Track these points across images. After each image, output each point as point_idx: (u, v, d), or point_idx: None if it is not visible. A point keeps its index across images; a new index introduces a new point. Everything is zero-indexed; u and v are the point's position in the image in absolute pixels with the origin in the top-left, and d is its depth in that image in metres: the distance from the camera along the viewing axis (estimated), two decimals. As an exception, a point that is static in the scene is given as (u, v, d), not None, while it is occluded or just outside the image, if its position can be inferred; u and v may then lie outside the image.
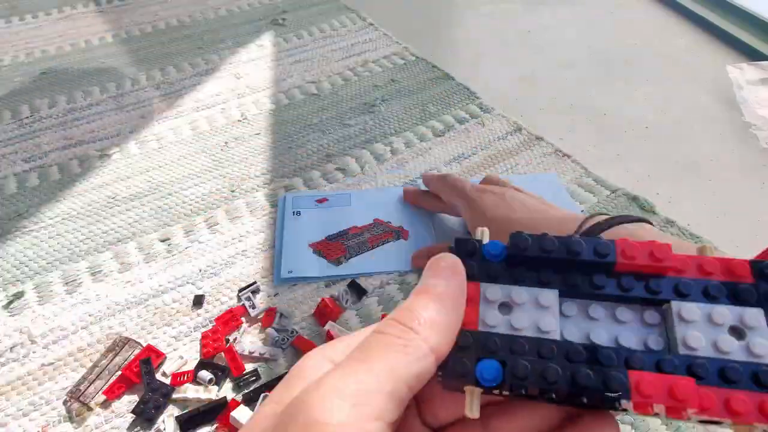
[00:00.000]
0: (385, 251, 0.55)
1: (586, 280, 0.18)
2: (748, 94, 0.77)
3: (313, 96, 0.79)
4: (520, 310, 0.18)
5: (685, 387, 0.15)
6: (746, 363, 0.16)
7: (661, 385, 0.15)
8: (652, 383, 0.15)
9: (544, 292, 0.18)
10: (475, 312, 0.18)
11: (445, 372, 0.17)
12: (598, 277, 0.18)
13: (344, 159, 0.67)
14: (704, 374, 0.16)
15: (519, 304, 0.18)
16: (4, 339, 0.48)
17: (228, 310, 0.49)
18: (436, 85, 0.80)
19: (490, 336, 0.17)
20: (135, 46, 0.92)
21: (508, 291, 0.18)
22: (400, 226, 0.57)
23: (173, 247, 0.56)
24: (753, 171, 0.65)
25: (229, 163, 0.67)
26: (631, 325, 0.18)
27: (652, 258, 0.17)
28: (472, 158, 0.67)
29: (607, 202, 0.60)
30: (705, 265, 0.18)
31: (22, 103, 0.78)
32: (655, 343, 0.17)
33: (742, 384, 0.15)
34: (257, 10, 1.02)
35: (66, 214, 0.60)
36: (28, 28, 0.97)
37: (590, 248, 0.18)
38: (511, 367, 0.16)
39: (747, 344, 0.16)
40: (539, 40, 0.93)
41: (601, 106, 0.77)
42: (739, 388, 0.15)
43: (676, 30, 0.95)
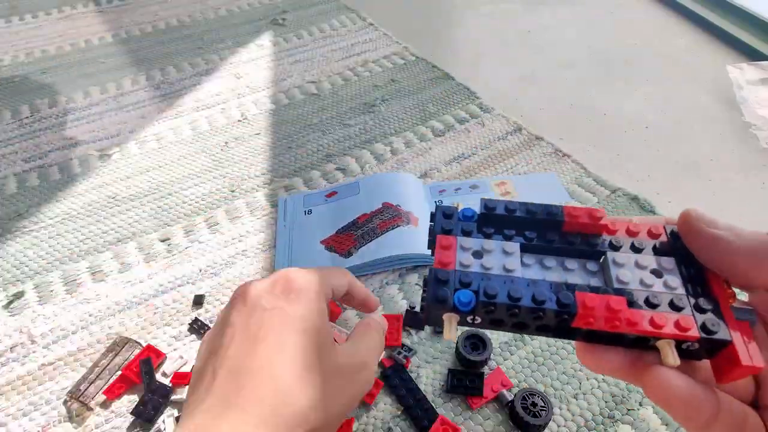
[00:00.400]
0: (396, 235, 0.53)
1: (541, 236, 0.22)
2: (748, 94, 0.77)
3: (313, 96, 0.79)
4: (490, 255, 0.21)
5: (619, 302, 0.19)
6: (664, 293, 0.20)
7: (600, 301, 0.19)
8: (593, 299, 0.19)
9: (509, 243, 0.22)
10: (452, 256, 0.21)
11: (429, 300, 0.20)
12: (550, 234, 0.22)
13: (344, 159, 0.67)
14: (633, 299, 0.19)
15: (488, 251, 0.22)
16: (4, 339, 0.48)
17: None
18: (436, 85, 0.80)
19: (466, 272, 0.21)
20: (135, 46, 0.92)
21: (480, 242, 0.22)
22: (409, 212, 0.56)
23: (173, 247, 0.56)
24: (753, 171, 0.65)
25: (229, 163, 0.67)
26: (577, 272, 0.22)
27: (591, 218, 0.22)
28: (472, 158, 0.67)
29: (607, 202, 0.60)
30: (632, 227, 0.22)
31: (22, 103, 0.78)
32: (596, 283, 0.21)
33: (662, 308, 0.19)
34: (257, 10, 1.02)
35: (66, 214, 0.60)
36: (28, 28, 0.97)
37: (544, 211, 0.22)
38: (483, 288, 0.20)
39: (664, 281, 0.20)
40: (539, 40, 0.93)
41: (601, 106, 0.77)
42: (660, 311, 0.19)
43: (676, 30, 0.95)
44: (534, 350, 0.46)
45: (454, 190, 0.61)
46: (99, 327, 0.49)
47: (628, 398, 0.43)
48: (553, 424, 0.41)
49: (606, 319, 0.19)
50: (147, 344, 0.46)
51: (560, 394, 0.43)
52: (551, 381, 0.44)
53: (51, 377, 0.45)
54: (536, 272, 0.22)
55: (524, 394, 0.41)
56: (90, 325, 0.49)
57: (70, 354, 0.47)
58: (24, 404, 0.43)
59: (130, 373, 0.44)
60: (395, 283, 0.52)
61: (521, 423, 0.40)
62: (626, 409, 0.42)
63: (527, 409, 0.40)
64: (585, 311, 0.19)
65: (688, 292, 0.20)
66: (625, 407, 0.42)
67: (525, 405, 0.40)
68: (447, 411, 0.42)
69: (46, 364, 0.46)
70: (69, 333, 0.48)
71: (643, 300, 0.19)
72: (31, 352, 0.47)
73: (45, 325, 0.49)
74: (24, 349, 0.47)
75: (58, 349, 0.47)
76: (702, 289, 0.20)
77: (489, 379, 0.43)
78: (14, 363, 0.46)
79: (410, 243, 0.52)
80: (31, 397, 0.44)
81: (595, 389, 0.43)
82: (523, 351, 0.46)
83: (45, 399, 0.43)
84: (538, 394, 0.41)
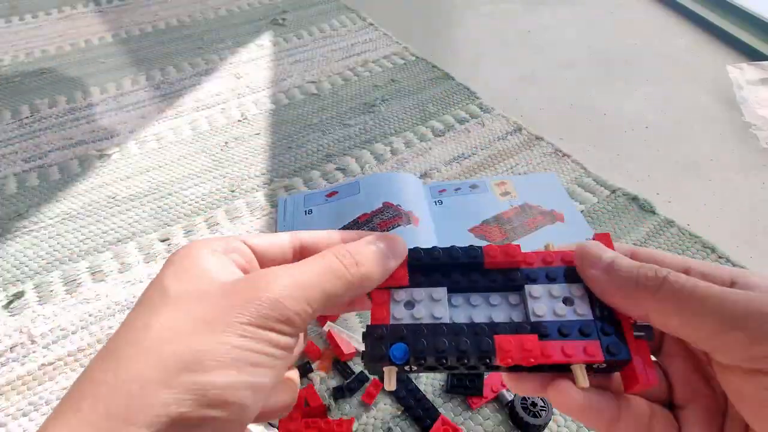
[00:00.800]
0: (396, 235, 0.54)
1: (465, 277, 0.24)
2: (748, 94, 0.77)
3: (313, 96, 0.79)
4: (419, 305, 0.23)
5: (531, 341, 0.21)
6: (575, 321, 0.22)
7: (515, 342, 0.21)
8: (509, 342, 0.21)
9: (436, 290, 0.24)
10: (386, 311, 0.23)
11: (367, 358, 0.22)
12: (473, 274, 0.24)
13: (344, 159, 0.67)
14: (547, 332, 0.22)
15: (418, 300, 0.23)
16: (4, 339, 0.48)
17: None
18: (436, 85, 0.80)
19: (398, 326, 0.22)
20: (135, 46, 0.92)
21: (410, 292, 0.24)
22: (410, 211, 0.56)
23: (173, 247, 0.56)
24: (753, 171, 0.65)
25: (229, 163, 0.67)
26: (501, 306, 0.24)
27: (507, 255, 0.24)
28: (472, 158, 0.67)
29: (606, 202, 0.60)
30: (547, 257, 0.24)
31: (22, 103, 0.78)
32: (517, 317, 0.23)
33: (573, 336, 0.21)
34: (257, 10, 1.02)
35: (66, 214, 0.60)
36: (28, 28, 0.97)
37: (465, 254, 0.24)
38: (413, 345, 0.22)
39: (574, 308, 0.22)
40: (539, 40, 0.93)
41: (601, 106, 0.77)
42: (570, 339, 0.21)
43: (676, 30, 0.95)
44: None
45: (454, 190, 0.61)
46: (99, 327, 0.49)
47: (628, 398, 0.43)
48: (553, 424, 0.41)
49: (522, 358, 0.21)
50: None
51: (560, 394, 0.43)
52: (551, 381, 0.44)
53: (51, 377, 0.45)
54: (464, 311, 0.24)
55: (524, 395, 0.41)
56: (90, 325, 0.49)
57: (70, 354, 0.47)
58: (24, 404, 0.43)
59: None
60: (395, 283, 0.52)
61: (521, 423, 0.40)
62: (626, 409, 0.42)
63: (527, 409, 0.40)
64: (503, 354, 0.21)
65: (595, 316, 0.22)
66: (625, 407, 0.42)
67: (525, 405, 0.41)
68: (447, 411, 0.42)
69: (46, 364, 0.46)
70: (69, 333, 0.48)
71: (556, 330, 0.22)
72: (31, 352, 0.47)
73: (45, 325, 0.49)
74: (24, 349, 0.47)
75: (58, 349, 0.47)
76: (607, 311, 0.22)
77: (489, 379, 0.43)
78: (14, 363, 0.46)
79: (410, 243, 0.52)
80: (31, 397, 0.44)
81: (595, 389, 0.43)
82: (523, 351, 0.46)
83: (45, 399, 0.43)
84: (538, 394, 0.41)
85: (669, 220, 0.57)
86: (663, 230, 0.56)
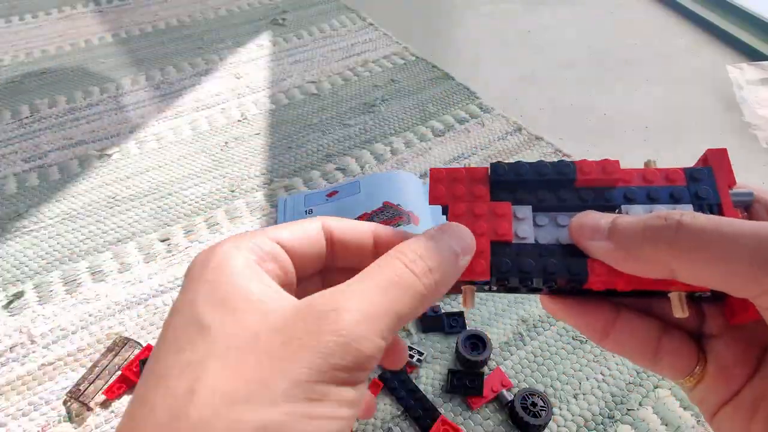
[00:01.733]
0: None
1: (553, 195, 0.22)
2: (748, 94, 0.77)
3: (313, 96, 0.79)
4: None
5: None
6: None
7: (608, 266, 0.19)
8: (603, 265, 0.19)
9: (520, 208, 0.22)
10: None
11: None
12: (562, 191, 0.22)
13: (344, 159, 0.67)
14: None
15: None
16: (4, 339, 0.48)
17: None
18: (436, 85, 0.80)
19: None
20: (135, 46, 0.92)
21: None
22: (410, 211, 0.56)
23: (173, 247, 0.56)
24: (753, 171, 0.65)
25: (229, 163, 0.67)
26: None
27: (604, 172, 0.21)
28: (472, 158, 0.67)
29: (607, 202, 0.60)
30: (648, 175, 0.22)
31: (22, 103, 0.78)
32: None
33: None
34: (257, 10, 1.02)
35: (66, 214, 0.60)
36: (28, 28, 0.97)
37: (555, 169, 0.22)
38: (496, 264, 0.20)
39: None
40: (539, 40, 0.93)
41: (601, 106, 0.77)
42: None
43: (676, 30, 0.95)
44: (534, 350, 0.46)
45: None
46: (99, 327, 0.49)
47: (628, 398, 0.43)
48: (553, 424, 0.41)
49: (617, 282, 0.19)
50: (147, 344, 0.46)
51: (560, 394, 0.43)
52: (551, 381, 0.44)
53: (51, 377, 0.45)
54: (550, 232, 0.21)
55: (524, 394, 0.41)
56: (90, 325, 0.49)
57: (70, 354, 0.47)
58: (24, 404, 0.43)
59: (129, 373, 0.44)
60: (395, 283, 0.52)
61: (521, 423, 0.40)
62: (626, 409, 0.42)
63: (527, 409, 0.40)
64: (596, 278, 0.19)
65: None
66: (625, 407, 0.42)
67: (525, 405, 0.41)
68: (447, 411, 0.42)
69: (45, 364, 0.46)
70: (69, 333, 0.48)
71: None
72: (31, 352, 0.47)
73: (45, 325, 0.49)
74: (24, 349, 0.47)
75: (58, 349, 0.47)
76: None
77: (489, 379, 0.43)
78: (14, 363, 0.46)
79: None
80: (30, 397, 0.44)
81: (595, 389, 0.43)
82: (522, 351, 0.46)
83: (45, 399, 0.43)
84: (537, 394, 0.41)
85: (669, 220, 0.57)
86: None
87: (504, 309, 0.49)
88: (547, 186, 0.22)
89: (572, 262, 0.20)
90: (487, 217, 0.21)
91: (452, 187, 0.22)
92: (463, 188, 0.22)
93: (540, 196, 0.22)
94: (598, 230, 0.19)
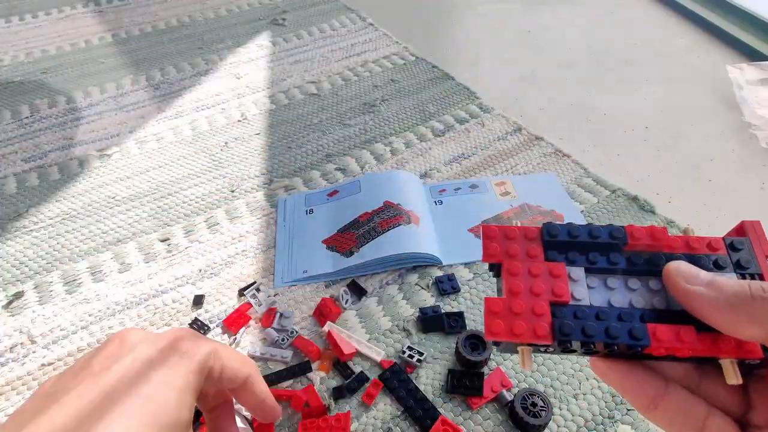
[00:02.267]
0: (397, 234, 0.53)
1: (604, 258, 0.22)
2: (748, 94, 0.77)
3: (313, 96, 0.79)
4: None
5: (688, 332, 0.20)
6: None
7: (670, 332, 0.20)
8: (664, 332, 0.20)
9: (574, 269, 0.22)
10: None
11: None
12: (612, 255, 0.22)
13: (344, 159, 0.67)
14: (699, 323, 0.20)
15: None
16: (4, 339, 0.48)
17: (235, 309, 0.49)
18: (436, 85, 0.80)
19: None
20: (135, 46, 0.92)
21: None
22: (410, 210, 0.56)
23: (173, 247, 0.56)
24: (753, 171, 0.65)
25: (229, 163, 0.67)
26: (640, 291, 0.22)
27: (653, 238, 0.22)
28: (472, 158, 0.67)
29: (606, 202, 0.60)
30: (691, 242, 0.22)
31: (22, 103, 0.78)
32: (658, 303, 0.22)
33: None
34: (257, 10, 1.02)
35: (66, 214, 0.60)
36: (28, 28, 0.97)
37: (606, 233, 0.23)
38: (558, 326, 0.20)
39: None
40: (539, 40, 0.93)
41: (601, 106, 0.77)
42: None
43: (676, 30, 0.95)
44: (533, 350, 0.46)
45: (454, 190, 0.61)
46: (99, 327, 0.49)
47: (628, 398, 0.43)
48: (553, 424, 0.41)
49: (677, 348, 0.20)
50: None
51: (560, 394, 0.43)
52: (551, 381, 0.44)
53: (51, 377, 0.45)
54: (601, 294, 0.22)
55: (524, 395, 0.41)
56: (90, 325, 0.49)
57: (70, 354, 0.47)
58: (24, 404, 0.43)
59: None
60: (395, 283, 0.52)
61: (521, 423, 0.40)
62: (626, 409, 0.42)
63: (527, 409, 0.40)
64: (657, 344, 0.20)
65: None
66: (625, 407, 0.42)
67: (525, 405, 0.40)
68: (447, 411, 0.42)
69: (46, 364, 0.46)
70: (69, 333, 0.48)
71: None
72: (31, 352, 0.47)
73: (45, 325, 0.49)
74: (24, 349, 0.47)
75: (58, 349, 0.47)
76: None
77: (489, 380, 0.43)
78: (14, 363, 0.46)
79: (411, 242, 0.52)
80: (30, 397, 0.44)
81: (595, 389, 0.43)
82: (523, 351, 0.46)
83: (45, 399, 0.43)
84: (538, 394, 0.41)
85: (669, 220, 0.57)
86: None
87: (504, 309, 0.49)
88: (597, 248, 0.23)
89: (633, 326, 0.20)
90: (543, 277, 0.22)
91: (506, 245, 0.23)
92: (517, 247, 0.23)
93: (591, 258, 0.22)
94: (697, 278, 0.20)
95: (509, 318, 0.21)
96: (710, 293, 0.20)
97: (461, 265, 0.53)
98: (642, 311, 0.21)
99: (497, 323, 0.21)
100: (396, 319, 0.49)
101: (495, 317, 0.21)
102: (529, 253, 0.22)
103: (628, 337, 0.20)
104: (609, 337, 0.20)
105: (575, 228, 0.23)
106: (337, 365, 0.45)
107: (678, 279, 0.21)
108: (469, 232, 0.56)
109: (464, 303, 0.50)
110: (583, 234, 0.23)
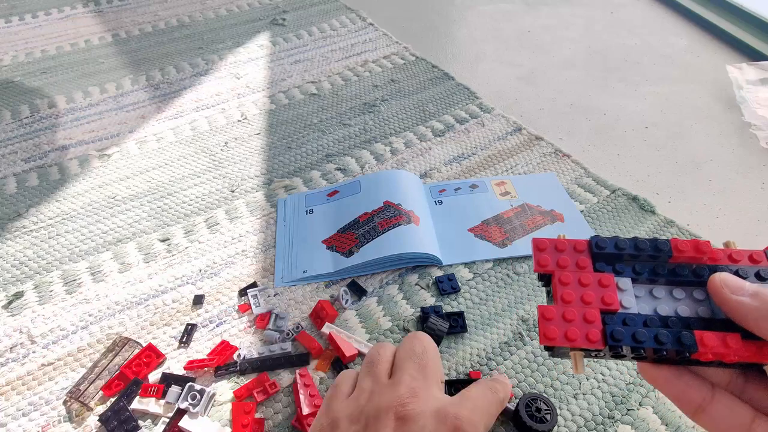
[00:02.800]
0: (397, 234, 0.53)
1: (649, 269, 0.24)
2: (748, 94, 0.77)
3: (313, 96, 0.79)
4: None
5: (734, 339, 0.21)
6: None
7: (717, 338, 0.21)
8: (711, 338, 0.21)
9: (622, 279, 0.24)
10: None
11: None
12: (657, 266, 0.24)
13: (344, 159, 0.67)
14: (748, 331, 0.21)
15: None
16: (4, 339, 0.48)
17: (220, 342, 0.46)
18: (436, 85, 0.80)
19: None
20: (135, 45, 0.92)
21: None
22: (410, 210, 0.56)
23: (173, 247, 0.56)
24: (753, 171, 0.65)
25: (229, 163, 0.67)
26: (685, 300, 0.23)
27: (697, 251, 0.24)
28: (472, 158, 0.67)
29: (607, 202, 0.60)
30: (734, 255, 0.24)
31: (22, 103, 0.78)
32: (703, 312, 0.23)
33: None
34: (257, 10, 1.02)
35: (66, 214, 0.60)
36: (28, 28, 0.97)
37: (652, 246, 0.24)
38: (610, 332, 0.22)
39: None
40: (539, 40, 0.93)
41: (601, 106, 0.77)
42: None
43: (676, 30, 0.95)
44: (534, 350, 0.46)
45: (454, 189, 0.61)
46: (99, 327, 0.49)
47: (628, 398, 0.43)
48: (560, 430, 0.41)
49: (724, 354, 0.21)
50: (148, 343, 0.46)
51: (560, 394, 0.43)
52: (551, 381, 0.44)
53: (51, 377, 0.45)
54: (647, 303, 0.24)
55: (527, 401, 0.41)
56: (90, 325, 0.49)
57: (70, 354, 0.47)
58: (24, 404, 0.43)
59: (130, 373, 0.44)
60: (395, 282, 0.52)
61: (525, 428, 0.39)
62: (626, 409, 0.42)
63: (532, 416, 0.40)
64: (705, 349, 0.21)
65: None
66: (625, 407, 0.42)
67: (530, 412, 0.40)
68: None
69: (45, 364, 0.46)
70: (69, 333, 0.48)
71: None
72: (31, 352, 0.47)
73: (45, 325, 0.49)
74: (24, 349, 0.47)
75: (58, 349, 0.47)
76: None
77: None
78: (14, 363, 0.46)
79: (411, 242, 0.52)
80: (30, 397, 0.44)
81: (595, 389, 0.43)
82: (522, 351, 0.46)
83: (45, 399, 0.43)
84: (540, 398, 0.41)
85: (669, 220, 0.57)
86: (663, 230, 0.56)
87: (504, 309, 0.49)
88: (643, 260, 0.24)
89: (681, 332, 0.22)
90: (593, 286, 0.23)
91: (556, 256, 0.24)
92: (567, 259, 0.24)
93: (637, 269, 0.24)
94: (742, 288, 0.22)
95: (563, 324, 0.22)
96: (755, 303, 0.21)
97: (461, 265, 0.53)
98: (688, 319, 0.22)
99: (552, 329, 0.22)
100: (396, 319, 0.49)
101: (549, 323, 0.22)
102: (578, 264, 0.24)
103: (676, 343, 0.21)
104: (658, 342, 0.21)
105: (622, 241, 0.24)
106: (337, 365, 0.45)
107: (724, 289, 0.22)
108: (469, 232, 0.56)
109: (464, 303, 0.50)
110: (629, 247, 0.24)
